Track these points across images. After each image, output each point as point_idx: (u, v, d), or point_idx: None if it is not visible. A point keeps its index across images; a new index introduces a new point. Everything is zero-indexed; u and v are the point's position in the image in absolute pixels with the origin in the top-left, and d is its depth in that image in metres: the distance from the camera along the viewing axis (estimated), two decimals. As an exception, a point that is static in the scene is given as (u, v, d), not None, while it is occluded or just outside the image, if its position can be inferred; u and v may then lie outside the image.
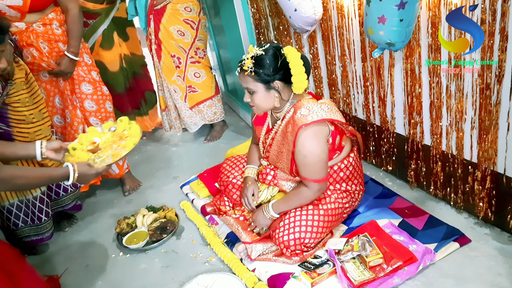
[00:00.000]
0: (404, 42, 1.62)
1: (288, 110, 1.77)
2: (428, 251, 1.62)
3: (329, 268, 1.64)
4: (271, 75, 1.66)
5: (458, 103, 1.65)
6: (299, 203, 1.77)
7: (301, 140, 1.67)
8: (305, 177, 1.72)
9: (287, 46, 1.69)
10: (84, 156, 1.63)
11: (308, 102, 1.72)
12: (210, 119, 3.08)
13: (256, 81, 1.68)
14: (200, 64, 2.94)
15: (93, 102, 2.37)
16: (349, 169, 1.83)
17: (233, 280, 1.72)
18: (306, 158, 1.68)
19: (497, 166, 1.62)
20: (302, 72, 1.64)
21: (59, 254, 2.18)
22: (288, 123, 1.76)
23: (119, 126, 1.78)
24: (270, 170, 1.93)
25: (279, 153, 1.84)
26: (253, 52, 1.67)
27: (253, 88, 1.70)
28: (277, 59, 1.65)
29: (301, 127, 1.65)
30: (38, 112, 1.98)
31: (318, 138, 1.67)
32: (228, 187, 2.07)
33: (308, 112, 1.67)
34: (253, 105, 1.77)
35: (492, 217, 1.74)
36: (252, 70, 1.65)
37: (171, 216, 2.21)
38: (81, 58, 2.29)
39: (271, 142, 1.87)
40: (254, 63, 1.65)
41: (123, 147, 1.66)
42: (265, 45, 1.69)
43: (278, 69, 1.66)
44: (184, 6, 2.76)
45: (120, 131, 1.76)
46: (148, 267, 1.97)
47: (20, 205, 2.02)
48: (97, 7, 2.74)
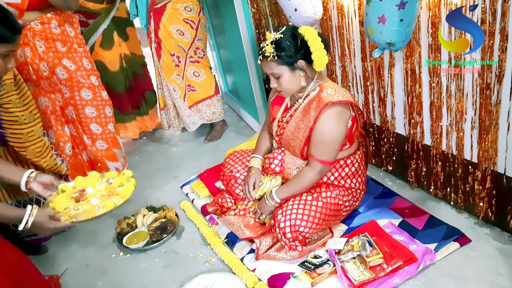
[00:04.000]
0: (404, 42, 1.62)
1: (313, 89, 1.79)
2: (428, 251, 1.62)
3: (329, 268, 1.64)
4: (293, 56, 1.68)
5: (458, 103, 1.65)
6: (299, 184, 1.79)
7: (324, 117, 1.69)
8: (313, 154, 1.74)
9: (303, 26, 1.71)
10: (62, 204, 1.53)
11: (334, 85, 1.76)
12: (209, 118, 3.08)
13: (280, 64, 1.69)
14: (199, 63, 2.94)
15: (93, 108, 2.34)
16: (355, 165, 1.84)
17: (233, 280, 1.72)
18: (323, 135, 1.70)
19: (497, 166, 1.62)
20: (321, 48, 1.66)
21: (59, 254, 2.18)
22: (312, 100, 1.77)
23: (116, 180, 1.67)
24: (277, 155, 1.94)
25: (296, 129, 1.83)
26: (272, 37, 1.68)
27: (278, 72, 1.71)
28: (296, 39, 1.67)
29: (327, 104, 1.67)
30: (29, 114, 1.94)
31: (339, 119, 1.70)
32: (230, 181, 2.07)
33: (334, 92, 1.70)
34: (281, 90, 1.78)
35: (492, 217, 1.74)
36: (274, 55, 1.67)
37: (171, 216, 2.21)
38: (80, 63, 2.25)
39: (289, 119, 1.88)
40: (274, 48, 1.67)
41: (103, 206, 1.55)
42: (281, 28, 1.71)
43: (299, 48, 1.68)
44: (184, 6, 2.76)
45: (114, 186, 1.65)
46: (148, 267, 1.97)
47: (18, 205, 2.01)
48: (97, 7, 2.74)
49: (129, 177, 1.68)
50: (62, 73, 2.21)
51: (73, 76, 2.24)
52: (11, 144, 1.91)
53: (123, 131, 3.22)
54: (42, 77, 2.19)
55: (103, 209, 1.52)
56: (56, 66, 2.19)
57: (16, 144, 1.92)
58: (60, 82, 2.23)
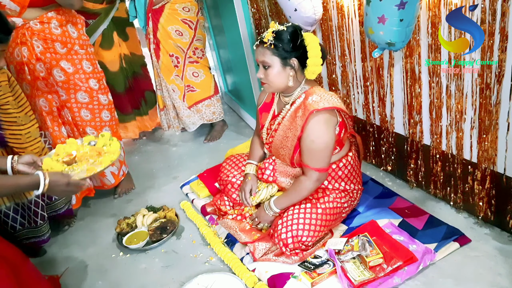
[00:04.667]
0: (404, 42, 1.62)
1: (298, 96, 1.78)
2: (428, 251, 1.62)
3: (329, 268, 1.64)
4: (289, 51, 1.67)
5: (458, 103, 1.65)
6: (298, 195, 1.78)
7: (311, 125, 1.68)
8: (307, 164, 1.72)
9: (307, 32, 1.71)
10: (57, 167, 1.60)
11: (319, 90, 1.74)
12: (208, 118, 3.08)
13: (273, 54, 1.68)
14: (198, 64, 2.94)
15: (88, 112, 2.32)
16: (348, 168, 1.84)
17: (233, 280, 1.72)
18: (313, 144, 1.69)
19: (497, 166, 1.62)
20: (318, 56, 1.67)
21: (59, 254, 2.18)
22: (298, 108, 1.76)
23: (99, 141, 1.76)
24: (268, 165, 1.93)
25: (284, 138, 1.83)
26: (275, 28, 1.69)
27: (270, 62, 1.70)
28: (297, 38, 1.67)
29: (312, 112, 1.66)
30: (24, 116, 1.93)
31: (328, 125, 1.68)
32: (227, 186, 2.07)
33: (320, 99, 1.68)
34: (266, 82, 1.76)
35: (492, 217, 1.74)
36: (272, 43, 1.66)
37: (171, 216, 2.21)
38: (79, 65, 2.22)
39: (277, 128, 1.87)
40: (274, 37, 1.67)
41: (99, 162, 1.63)
42: (286, 24, 1.71)
43: (297, 47, 1.67)
44: (182, 6, 2.76)
45: (99, 146, 1.73)
46: (148, 267, 1.97)
47: (16, 208, 2.01)
48: (96, 7, 2.74)
49: (109, 136, 1.77)
50: (59, 75, 2.19)
51: (71, 79, 2.21)
52: (11, 145, 1.91)
53: (123, 131, 3.22)
54: (38, 78, 2.17)
55: (102, 164, 1.61)
56: (53, 68, 2.16)
57: (16, 145, 1.92)
58: (56, 84, 2.21)
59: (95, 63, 2.33)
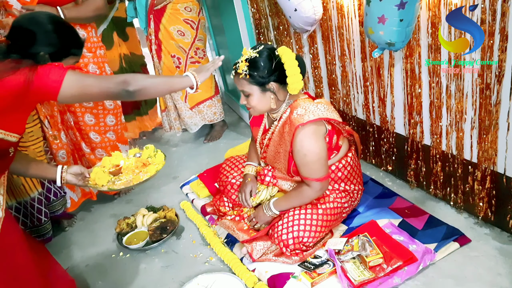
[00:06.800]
0: (404, 42, 1.62)
1: (284, 111, 1.77)
2: (428, 251, 1.62)
3: (329, 268, 1.64)
4: (265, 77, 1.65)
5: (458, 103, 1.65)
6: (300, 202, 1.77)
7: (299, 140, 1.66)
8: (306, 176, 1.72)
9: (282, 47, 1.68)
10: (104, 177, 1.65)
11: (304, 102, 1.72)
12: (210, 119, 3.08)
13: (251, 83, 1.67)
14: (200, 64, 2.94)
15: (92, 116, 2.30)
16: (347, 168, 1.83)
17: (233, 280, 1.72)
18: (306, 157, 1.67)
19: (497, 166, 1.62)
20: (297, 73, 1.64)
21: (59, 254, 2.18)
22: (285, 123, 1.75)
23: (144, 153, 1.80)
24: (268, 171, 1.93)
25: (276, 153, 1.84)
26: (247, 55, 1.66)
27: (249, 91, 1.69)
28: (272, 60, 1.65)
29: (298, 127, 1.64)
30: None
31: (316, 137, 1.67)
32: (227, 187, 2.07)
33: (304, 111, 1.67)
34: (250, 107, 1.76)
35: (492, 217, 1.74)
36: (247, 73, 1.65)
37: (171, 216, 2.21)
38: (85, 69, 2.20)
39: (268, 143, 1.87)
40: (248, 66, 1.64)
41: (145, 172, 1.68)
42: (259, 46, 1.68)
43: (273, 70, 1.65)
44: (184, 6, 2.76)
45: (144, 158, 1.78)
46: (148, 267, 1.97)
47: (18, 207, 2.01)
48: (96, 7, 2.74)
49: (153, 148, 1.81)
50: None
51: None
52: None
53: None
54: None
55: (147, 174, 1.67)
56: None
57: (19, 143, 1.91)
58: None
59: (103, 66, 2.30)
